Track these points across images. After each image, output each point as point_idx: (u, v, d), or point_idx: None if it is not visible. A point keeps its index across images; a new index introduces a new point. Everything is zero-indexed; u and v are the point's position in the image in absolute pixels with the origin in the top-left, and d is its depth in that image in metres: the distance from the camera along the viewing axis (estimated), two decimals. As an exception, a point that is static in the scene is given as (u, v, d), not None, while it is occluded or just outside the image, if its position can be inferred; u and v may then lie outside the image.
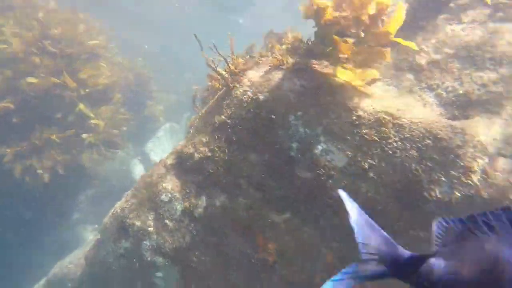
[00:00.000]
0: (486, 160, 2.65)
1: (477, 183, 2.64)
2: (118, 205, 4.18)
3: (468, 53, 2.90)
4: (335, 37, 2.65)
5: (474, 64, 2.89)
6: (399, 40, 2.79)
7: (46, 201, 7.36)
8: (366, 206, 2.96)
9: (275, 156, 3.17)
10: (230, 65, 3.35)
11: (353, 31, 2.58)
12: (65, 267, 5.44)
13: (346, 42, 2.67)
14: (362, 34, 2.65)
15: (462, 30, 2.96)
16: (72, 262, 5.45)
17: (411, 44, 2.69)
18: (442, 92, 2.95)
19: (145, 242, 3.93)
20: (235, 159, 3.36)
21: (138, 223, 3.94)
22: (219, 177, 3.47)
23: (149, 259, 3.93)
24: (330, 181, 2.99)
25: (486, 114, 2.80)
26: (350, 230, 3.27)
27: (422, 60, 3.03)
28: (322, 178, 3.01)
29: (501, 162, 2.64)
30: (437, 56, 3.00)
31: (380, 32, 2.75)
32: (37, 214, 7.53)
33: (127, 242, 4.08)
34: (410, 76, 3.05)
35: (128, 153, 10.68)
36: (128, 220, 4.00)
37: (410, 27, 3.13)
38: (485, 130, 2.69)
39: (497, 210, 1.09)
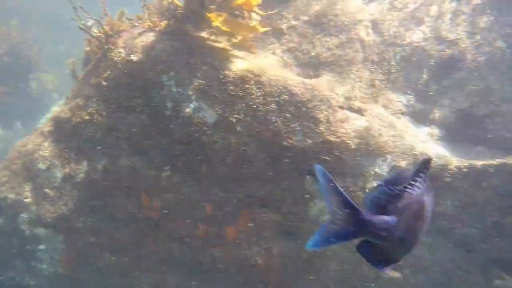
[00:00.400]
0: (330, 111, 3.17)
1: (323, 131, 3.15)
2: (-12, 179, 3.85)
3: (318, 20, 3.36)
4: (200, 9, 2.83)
5: (322, 30, 3.37)
6: (260, 12, 3.09)
7: None
8: (237, 158, 3.30)
9: (152, 116, 3.29)
10: (104, 26, 3.30)
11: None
12: None
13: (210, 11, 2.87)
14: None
15: (314, 1, 3.42)
16: None
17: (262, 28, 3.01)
18: (299, 54, 3.38)
19: (22, 215, 3.73)
20: (113, 121, 3.38)
21: (12, 196, 3.71)
22: (99, 140, 3.46)
23: (27, 232, 3.76)
24: (204, 136, 3.24)
25: (331, 73, 3.32)
26: (225, 183, 3.58)
27: (283, 25, 3.41)
28: (196, 135, 3.24)
29: (340, 113, 3.18)
30: (295, 22, 3.41)
31: (244, 3, 3.00)
32: None
33: (1, 218, 3.82)
34: (273, 39, 3.41)
35: (16, 133, 9.59)
36: (0, 194, 3.74)
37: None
38: (329, 87, 3.20)
39: (416, 168, 1.39)
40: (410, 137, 3.38)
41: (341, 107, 3.22)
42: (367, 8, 3.50)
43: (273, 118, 3.15)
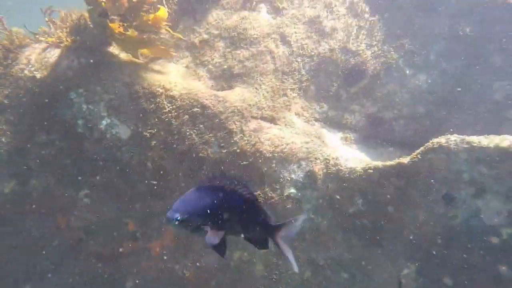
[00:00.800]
0: (243, 121, 3.27)
1: (237, 141, 3.24)
2: None
3: (229, 34, 3.47)
4: (102, 19, 2.80)
5: (233, 44, 3.48)
6: (168, 29, 3.12)
7: None
8: (155, 171, 3.28)
9: (63, 134, 3.19)
10: (4, 41, 3.15)
11: (113, 16, 2.78)
12: None
13: (113, 21, 2.85)
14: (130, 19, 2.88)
15: (224, 15, 3.52)
16: None
17: (178, 35, 3.06)
18: (212, 68, 3.46)
19: None
20: (20, 142, 3.23)
21: None
22: (5, 161, 3.28)
23: None
24: (119, 153, 3.20)
25: (243, 84, 3.43)
26: (146, 198, 3.51)
27: (195, 39, 3.47)
28: (112, 151, 3.19)
29: (253, 123, 3.30)
30: (206, 36, 3.49)
31: (150, 19, 3.01)
32: None
33: None
34: (186, 53, 3.46)
35: None
36: None
37: (185, 11, 3.54)
38: (241, 98, 3.31)
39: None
40: (322, 142, 3.58)
41: (254, 117, 3.33)
42: (274, 22, 3.66)
43: (187, 131, 3.19)
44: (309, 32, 3.76)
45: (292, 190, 3.41)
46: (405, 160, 3.32)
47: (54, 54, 3.14)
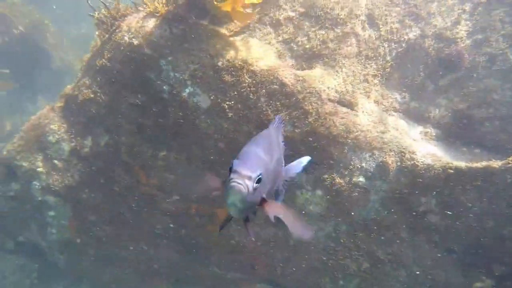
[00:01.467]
0: (319, 103, 3.23)
1: (312, 122, 3.23)
2: (5, 147, 4.21)
3: (315, 13, 3.39)
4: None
5: (318, 23, 3.40)
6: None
7: None
8: (228, 141, 3.44)
9: (151, 98, 3.48)
10: (111, 10, 3.48)
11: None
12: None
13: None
14: None
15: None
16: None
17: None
18: (294, 46, 3.44)
19: (35, 183, 4.08)
20: (115, 101, 3.60)
21: (26, 164, 4.05)
22: (102, 118, 3.70)
23: (40, 198, 4.11)
24: (197, 120, 3.40)
25: (324, 66, 3.36)
26: (216, 166, 3.69)
27: (280, 16, 3.46)
28: (191, 118, 3.40)
29: (330, 106, 3.25)
30: (292, 14, 3.45)
31: None
32: None
33: (17, 183, 4.19)
34: (270, 29, 3.48)
35: (40, 107, 10.14)
36: (15, 162, 4.09)
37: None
38: (321, 79, 3.26)
39: None
40: (400, 134, 3.40)
41: (331, 100, 3.27)
42: (364, 3, 3.48)
43: (264, 106, 3.26)
44: (402, 15, 3.51)
45: (361, 179, 3.32)
46: (496, 164, 3.01)
47: (150, 23, 3.40)
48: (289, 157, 2.18)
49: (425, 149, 3.41)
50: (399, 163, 3.28)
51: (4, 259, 5.02)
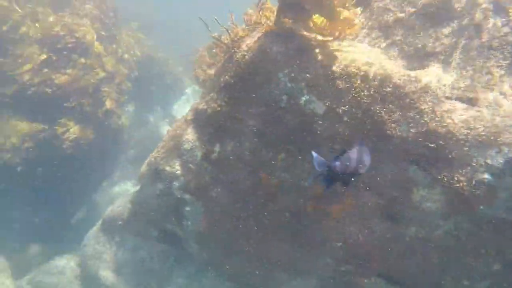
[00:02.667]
0: (435, 102, 3.25)
1: (428, 121, 3.27)
2: (152, 155, 5.17)
3: (426, 11, 3.38)
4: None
5: (430, 20, 3.38)
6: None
7: (90, 163, 8.59)
8: (344, 144, 3.68)
9: (270, 107, 3.92)
10: (230, 34, 4.03)
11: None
12: (115, 210, 6.69)
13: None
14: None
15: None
16: (120, 205, 6.67)
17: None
18: (404, 47, 3.49)
19: (175, 183, 4.93)
20: (239, 112, 4.15)
21: (168, 168, 4.92)
22: (228, 127, 4.29)
23: (179, 196, 4.95)
24: (314, 125, 3.72)
25: (438, 63, 3.34)
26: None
27: (389, 18, 3.55)
28: (307, 123, 3.74)
29: (447, 104, 3.23)
30: (402, 15, 3.50)
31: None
32: (84, 174, 8.83)
33: (161, 184, 5.11)
34: (379, 33, 3.60)
35: (158, 117, 11.77)
36: (160, 166, 5.00)
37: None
38: (435, 78, 3.27)
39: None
40: (532, 127, 3.18)
41: (448, 98, 3.25)
42: (485, -9, 3.33)
43: (377, 108, 3.41)
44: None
45: (487, 176, 3.23)
46: None
47: (267, 41, 3.83)
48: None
49: None
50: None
51: (150, 245, 6.13)
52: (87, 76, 7.85)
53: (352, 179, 2.49)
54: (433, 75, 3.26)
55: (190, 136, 4.71)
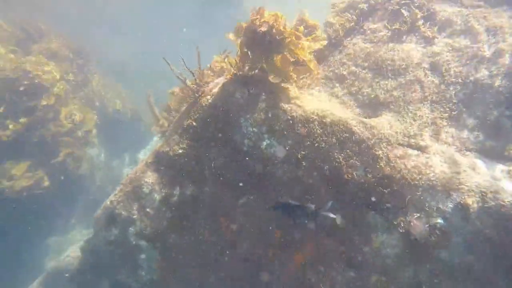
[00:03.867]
0: (389, 148, 3.40)
1: (383, 166, 3.38)
2: (108, 199, 4.90)
3: (377, 65, 3.68)
4: (278, 57, 3.41)
5: (380, 74, 3.66)
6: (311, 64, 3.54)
7: (47, 207, 8.04)
8: (302, 188, 3.69)
9: (232, 151, 3.92)
10: (196, 79, 4.12)
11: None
12: (62, 260, 6.14)
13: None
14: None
15: (372, 48, 3.75)
16: (69, 255, 6.15)
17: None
18: (359, 97, 3.72)
19: (130, 228, 4.65)
20: (200, 155, 4.11)
21: (124, 212, 4.66)
22: (189, 170, 4.21)
23: (134, 243, 4.64)
24: (274, 169, 3.74)
25: (390, 113, 3.56)
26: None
27: (344, 71, 3.80)
28: (268, 167, 3.75)
29: (400, 150, 3.39)
30: (355, 68, 3.78)
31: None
32: (39, 219, 8.21)
33: (116, 229, 4.80)
34: (336, 84, 3.82)
35: (123, 163, 11.46)
36: (116, 210, 4.73)
37: (335, 45, 3.92)
38: (388, 125, 3.45)
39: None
40: (477, 174, 3.38)
41: (400, 144, 3.42)
42: (424, 51, 3.69)
43: (335, 154, 3.50)
44: (464, 59, 3.65)
45: (439, 221, 3.31)
46: None
47: (230, 87, 3.94)
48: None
49: (508, 187, 3.33)
50: (480, 204, 3.23)
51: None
52: (48, 124, 7.57)
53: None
54: (386, 123, 3.44)
55: (150, 179, 4.56)
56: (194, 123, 4.10)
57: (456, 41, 3.65)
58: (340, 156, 3.49)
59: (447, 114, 3.56)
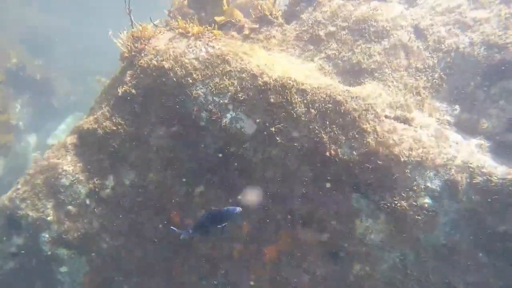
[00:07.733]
0: (377, 121, 2.94)
1: (371, 142, 2.92)
2: (5, 196, 3.62)
3: (358, 26, 3.18)
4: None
5: (363, 36, 3.18)
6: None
7: None
8: (278, 172, 3.06)
9: (185, 126, 3.08)
10: (134, 32, 3.13)
11: None
12: None
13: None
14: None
15: (352, 5, 3.24)
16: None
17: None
18: (339, 62, 3.19)
19: (43, 235, 3.49)
20: (142, 132, 3.17)
21: (32, 214, 3.47)
22: (126, 153, 3.25)
23: (49, 253, 3.51)
24: (242, 149, 3.02)
25: (374, 81, 3.11)
26: (265, 199, 3.28)
27: (320, 31, 3.23)
28: (234, 147, 3.02)
29: (387, 123, 2.96)
30: (333, 28, 3.23)
31: None
32: None
33: (19, 237, 3.58)
34: (311, 46, 3.22)
35: (28, 146, 9.45)
36: (19, 212, 3.50)
37: (308, 0, 3.32)
38: (374, 95, 2.99)
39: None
40: (462, 149, 3.14)
41: (387, 117, 3.00)
42: (407, 13, 3.32)
43: (316, 128, 2.93)
44: (448, 24, 3.36)
45: (427, 200, 3.00)
46: None
47: (181, 44, 3.06)
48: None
49: (488, 162, 3.16)
50: (468, 180, 2.99)
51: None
52: None
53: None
54: (373, 93, 2.98)
55: (70, 166, 3.45)
56: (132, 91, 3.12)
57: (439, 3, 3.34)
58: (322, 130, 2.93)
59: (429, 84, 3.25)
